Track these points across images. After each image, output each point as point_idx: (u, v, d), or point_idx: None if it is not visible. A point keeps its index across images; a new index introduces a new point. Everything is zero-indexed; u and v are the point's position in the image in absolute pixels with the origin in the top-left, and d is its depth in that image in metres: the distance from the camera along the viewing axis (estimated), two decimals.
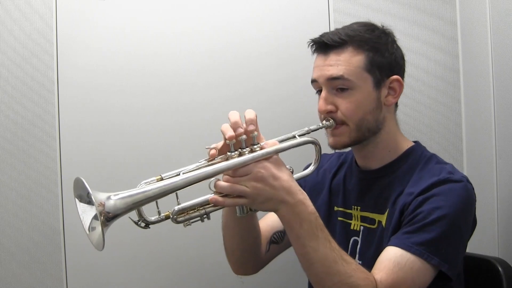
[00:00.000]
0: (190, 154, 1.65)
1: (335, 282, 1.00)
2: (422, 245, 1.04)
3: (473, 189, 1.15)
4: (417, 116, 1.75)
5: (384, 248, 1.09)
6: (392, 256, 1.04)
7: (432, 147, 1.72)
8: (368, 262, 1.14)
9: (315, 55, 1.23)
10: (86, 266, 1.62)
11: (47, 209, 1.61)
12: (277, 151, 1.04)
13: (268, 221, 1.33)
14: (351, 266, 1.02)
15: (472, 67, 1.72)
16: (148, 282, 1.67)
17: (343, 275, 1.00)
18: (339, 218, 1.29)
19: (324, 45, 1.19)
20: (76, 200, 0.98)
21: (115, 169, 1.63)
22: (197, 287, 1.69)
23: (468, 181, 1.14)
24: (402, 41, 1.72)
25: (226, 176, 1.02)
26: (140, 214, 1.03)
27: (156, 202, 1.02)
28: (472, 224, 1.16)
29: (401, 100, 1.71)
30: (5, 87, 1.60)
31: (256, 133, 1.04)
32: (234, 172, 1.01)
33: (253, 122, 1.04)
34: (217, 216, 1.14)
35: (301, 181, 1.38)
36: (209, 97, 1.68)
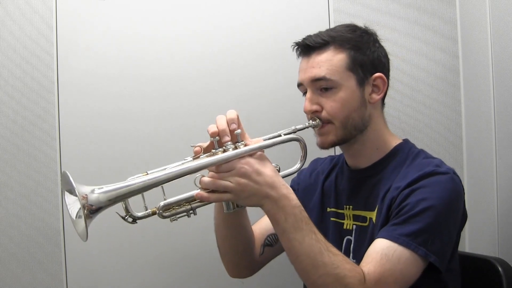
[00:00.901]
0: (190, 153, 1.65)
1: (321, 274, 1.01)
2: (408, 236, 1.04)
3: (461, 181, 1.15)
4: (417, 116, 1.75)
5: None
6: (379, 248, 1.05)
7: (432, 147, 1.73)
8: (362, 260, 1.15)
9: (300, 58, 1.26)
10: (86, 266, 1.62)
11: (47, 209, 1.61)
12: (260, 148, 1.07)
13: (262, 224, 1.35)
14: (338, 257, 1.03)
15: (472, 67, 1.72)
16: (148, 282, 1.67)
17: (329, 266, 1.01)
18: (332, 219, 1.29)
19: (306, 47, 1.22)
20: (66, 193, 1.00)
21: (115, 169, 1.63)
22: (197, 287, 1.69)
23: (455, 173, 1.14)
24: (402, 41, 1.74)
25: (211, 172, 1.05)
26: (127, 210, 1.06)
27: (143, 197, 1.06)
28: (462, 217, 1.16)
29: (401, 100, 1.74)
30: (5, 87, 1.60)
31: (239, 130, 1.07)
32: (217, 168, 1.04)
33: (234, 121, 1.08)
34: (201, 211, 1.15)
35: (294, 184, 1.42)
36: (210, 101, 1.67)
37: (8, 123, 1.60)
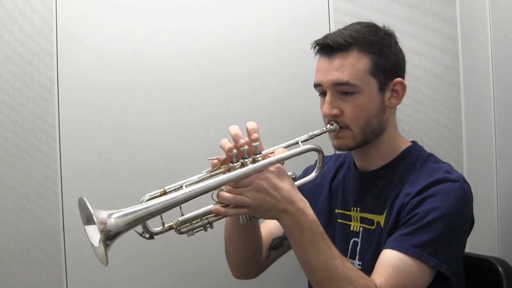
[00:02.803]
0: (190, 152, 1.66)
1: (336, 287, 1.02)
2: (419, 247, 1.04)
3: (470, 188, 1.15)
4: (417, 116, 1.75)
5: (382, 249, 1.09)
6: (390, 260, 1.05)
7: (432, 147, 1.73)
8: (368, 262, 1.14)
9: (318, 56, 1.22)
10: (86, 266, 1.62)
11: (47, 209, 1.61)
12: (279, 161, 1.05)
13: (268, 227, 1.34)
14: (352, 272, 1.03)
15: (472, 67, 1.72)
16: (148, 282, 1.67)
17: (344, 281, 1.01)
18: (339, 220, 1.29)
19: (328, 47, 1.18)
20: (86, 220, 0.98)
21: (115, 169, 1.63)
22: (197, 287, 1.69)
23: (465, 181, 1.13)
24: (402, 41, 1.72)
25: (229, 187, 1.03)
26: (144, 226, 1.04)
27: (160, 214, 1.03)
28: (470, 223, 1.16)
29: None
30: (5, 87, 1.60)
31: (258, 142, 1.05)
32: (236, 183, 1.02)
33: (256, 130, 1.06)
34: (217, 224, 1.14)
35: None
36: (209, 96, 1.68)
37: (8, 123, 1.60)
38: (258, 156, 1.05)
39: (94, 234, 0.97)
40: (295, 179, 1.12)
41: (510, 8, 1.49)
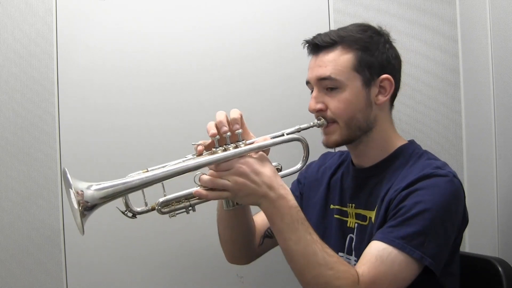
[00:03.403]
0: (190, 152, 1.65)
1: (315, 275, 1.02)
2: (404, 239, 1.04)
3: (461, 185, 1.14)
4: (417, 116, 1.75)
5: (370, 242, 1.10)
6: (374, 250, 1.05)
7: (432, 147, 1.73)
8: None
9: (310, 56, 1.26)
10: (86, 266, 1.62)
11: (47, 209, 1.61)
12: (260, 148, 1.09)
13: (263, 216, 1.34)
14: (333, 258, 1.03)
15: (472, 67, 1.72)
16: (147, 281, 1.67)
17: (323, 267, 1.02)
18: (336, 216, 1.30)
19: (315, 46, 1.22)
20: (69, 190, 1.01)
21: (115, 169, 1.63)
22: (197, 286, 1.69)
23: (455, 176, 1.13)
24: (402, 41, 1.74)
25: (210, 171, 1.06)
26: (127, 205, 1.08)
27: (143, 193, 1.08)
28: (462, 221, 1.15)
29: (401, 100, 1.73)
30: (5, 88, 1.60)
31: (240, 130, 1.09)
32: (217, 167, 1.05)
33: (237, 121, 1.10)
34: (199, 208, 1.16)
35: (301, 178, 1.44)
36: (209, 96, 1.68)
37: (8, 123, 1.60)
38: (240, 143, 1.08)
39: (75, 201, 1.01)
40: (280, 170, 1.15)
41: (510, 8, 1.49)
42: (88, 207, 0.99)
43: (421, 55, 1.75)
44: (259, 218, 1.35)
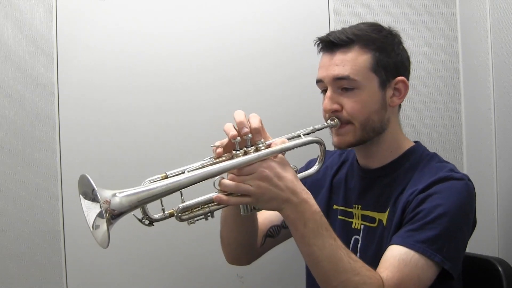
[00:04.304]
0: (190, 153, 1.65)
1: (342, 280, 1.00)
2: (424, 243, 1.04)
3: (474, 188, 1.15)
4: (417, 116, 1.75)
5: (386, 246, 1.09)
6: (396, 254, 1.04)
7: (432, 147, 1.71)
8: (369, 260, 1.14)
9: (321, 54, 1.23)
10: (86, 266, 1.62)
11: (47, 209, 1.61)
12: (282, 151, 1.05)
13: (266, 215, 1.33)
14: (358, 264, 1.02)
15: (472, 67, 1.72)
16: (148, 282, 1.67)
17: (350, 273, 1.00)
18: (340, 217, 1.29)
19: (330, 43, 1.19)
20: (81, 197, 0.98)
21: (115, 170, 1.63)
22: (197, 286, 1.69)
23: (469, 180, 1.14)
24: (402, 41, 1.73)
25: (231, 175, 1.02)
26: (144, 212, 1.02)
27: (161, 200, 1.01)
28: (472, 224, 1.16)
29: None
30: (5, 88, 1.60)
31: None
32: (239, 171, 1.01)
33: (258, 131, 1.05)
34: (218, 214, 1.14)
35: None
36: (209, 97, 1.68)
37: (8, 124, 1.60)
38: (261, 145, 1.04)
39: (91, 214, 0.96)
40: (296, 172, 1.11)
41: (510, 8, 1.49)
42: (114, 215, 0.93)
43: (421, 55, 1.74)
44: (261, 217, 1.33)
